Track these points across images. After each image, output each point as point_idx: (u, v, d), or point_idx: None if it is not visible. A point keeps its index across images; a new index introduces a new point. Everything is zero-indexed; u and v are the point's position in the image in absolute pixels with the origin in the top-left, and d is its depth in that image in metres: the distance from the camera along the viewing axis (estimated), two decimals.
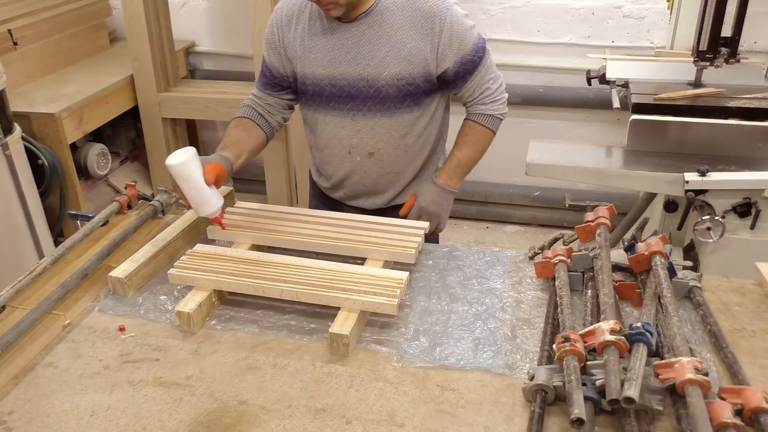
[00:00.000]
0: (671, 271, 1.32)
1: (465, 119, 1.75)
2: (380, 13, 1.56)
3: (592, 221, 1.43)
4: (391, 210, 1.80)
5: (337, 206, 1.85)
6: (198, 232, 1.65)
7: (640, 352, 1.05)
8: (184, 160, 1.39)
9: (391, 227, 1.54)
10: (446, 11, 1.55)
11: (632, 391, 0.97)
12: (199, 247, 1.47)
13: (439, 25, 1.55)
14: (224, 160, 1.53)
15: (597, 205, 1.49)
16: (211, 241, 1.57)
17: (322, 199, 1.92)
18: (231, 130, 1.69)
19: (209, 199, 1.45)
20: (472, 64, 1.63)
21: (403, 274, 1.35)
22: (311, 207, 1.96)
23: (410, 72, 1.58)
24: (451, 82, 1.66)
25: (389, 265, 1.46)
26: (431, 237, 1.79)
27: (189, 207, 1.48)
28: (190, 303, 1.30)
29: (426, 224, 1.56)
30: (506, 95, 1.74)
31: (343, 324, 1.23)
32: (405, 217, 1.74)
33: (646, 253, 1.33)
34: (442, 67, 1.60)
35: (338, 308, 1.28)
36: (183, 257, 1.43)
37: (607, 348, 1.06)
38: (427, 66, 1.59)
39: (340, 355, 1.23)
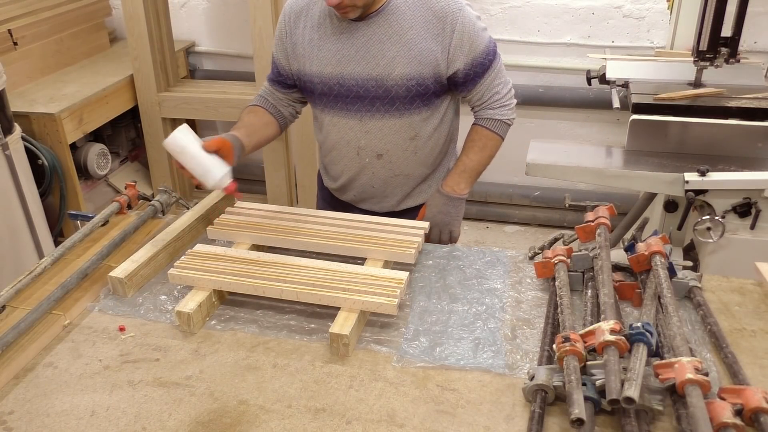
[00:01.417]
0: (671, 271, 1.32)
1: (473, 124, 1.73)
2: (392, 12, 1.54)
3: (592, 221, 1.43)
4: (401, 213, 1.78)
5: (346, 209, 1.83)
6: (198, 232, 1.65)
7: (640, 352, 1.05)
8: (176, 134, 1.43)
9: (391, 227, 1.54)
10: (459, 12, 1.54)
11: (632, 391, 0.97)
12: (199, 247, 1.47)
13: (450, 25, 1.54)
14: (231, 137, 1.54)
15: (597, 205, 1.49)
16: (211, 241, 1.57)
17: (331, 202, 1.90)
18: (243, 116, 1.73)
19: (211, 168, 1.46)
20: (482, 66, 1.61)
21: (403, 274, 1.35)
22: (319, 209, 1.92)
23: (420, 72, 1.57)
24: (460, 84, 1.64)
25: (389, 265, 1.46)
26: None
27: (198, 185, 1.48)
28: (190, 303, 1.30)
29: (426, 224, 1.56)
30: (515, 101, 1.72)
31: (343, 324, 1.23)
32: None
33: (646, 253, 1.33)
34: (453, 69, 1.59)
35: (338, 308, 1.28)
36: (183, 257, 1.43)
37: (607, 348, 1.06)
38: (438, 67, 1.57)
39: (340, 355, 1.23)
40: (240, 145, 1.56)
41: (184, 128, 1.46)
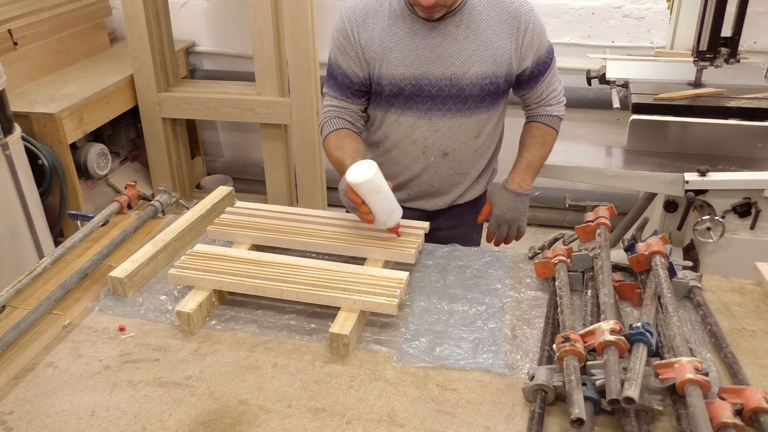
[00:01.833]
0: (671, 271, 1.32)
1: (529, 121, 1.76)
2: (468, 12, 1.55)
3: (592, 221, 1.43)
4: (449, 210, 1.79)
5: None
6: (198, 232, 1.65)
7: (640, 352, 1.05)
8: (375, 172, 1.37)
9: None
10: (530, 12, 1.58)
11: (632, 391, 0.97)
12: (199, 247, 1.47)
13: (524, 24, 1.57)
14: None
15: (597, 205, 1.49)
16: (212, 241, 1.57)
17: None
18: (344, 144, 1.60)
19: (396, 206, 1.44)
20: (544, 65, 1.66)
21: (403, 274, 1.35)
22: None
23: (494, 71, 1.58)
24: (524, 82, 1.67)
25: (389, 265, 1.46)
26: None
27: (370, 222, 1.44)
28: (190, 303, 1.30)
29: (426, 224, 1.56)
30: (565, 98, 1.77)
31: (343, 324, 1.23)
32: (482, 224, 1.74)
33: (646, 253, 1.33)
34: (522, 67, 1.62)
35: (338, 308, 1.28)
36: (183, 257, 1.43)
37: (607, 348, 1.06)
38: (510, 65, 1.60)
39: (340, 355, 1.23)
40: None
41: (375, 165, 1.38)
